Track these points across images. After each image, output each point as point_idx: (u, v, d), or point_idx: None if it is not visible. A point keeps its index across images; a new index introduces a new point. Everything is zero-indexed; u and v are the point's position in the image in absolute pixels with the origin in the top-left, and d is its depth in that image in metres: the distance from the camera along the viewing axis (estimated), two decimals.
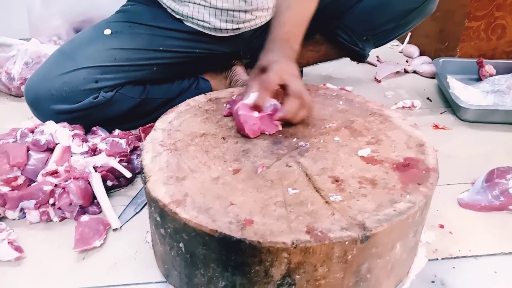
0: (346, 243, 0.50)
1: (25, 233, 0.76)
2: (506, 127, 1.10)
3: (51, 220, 0.78)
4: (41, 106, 0.94)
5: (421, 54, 1.55)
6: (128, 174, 0.82)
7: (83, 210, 0.78)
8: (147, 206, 0.81)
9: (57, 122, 0.89)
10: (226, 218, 0.53)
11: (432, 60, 1.41)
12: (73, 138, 0.84)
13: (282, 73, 0.71)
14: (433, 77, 1.37)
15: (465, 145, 1.04)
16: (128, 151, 0.87)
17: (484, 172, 0.86)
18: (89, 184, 0.79)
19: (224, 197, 0.57)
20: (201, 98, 0.83)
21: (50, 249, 0.72)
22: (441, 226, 0.77)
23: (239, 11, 1.00)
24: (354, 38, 1.15)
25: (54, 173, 0.77)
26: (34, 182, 0.79)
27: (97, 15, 1.51)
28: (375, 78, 1.37)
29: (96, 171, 0.81)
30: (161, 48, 1.02)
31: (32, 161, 0.80)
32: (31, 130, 0.83)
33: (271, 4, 1.03)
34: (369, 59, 1.34)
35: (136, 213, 0.80)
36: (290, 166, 0.63)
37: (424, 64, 1.42)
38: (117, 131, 0.94)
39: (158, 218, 0.58)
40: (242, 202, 0.55)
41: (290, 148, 0.67)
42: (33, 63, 1.28)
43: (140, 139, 0.97)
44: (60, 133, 0.83)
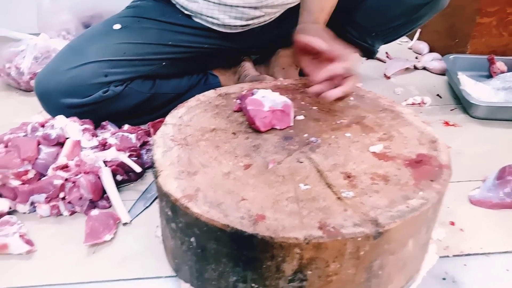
0: (359, 239, 0.50)
1: (35, 226, 0.76)
2: None
3: (61, 214, 0.78)
4: (51, 100, 0.94)
5: (431, 50, 1.54)
6: (138, 169, 0.82)
7: (93, 204, 0.78)
8: (157, 200, 0.81)
9: (67, 116, 0.89)
10: (238, 213, 0.53)
11: (442, 56, 1.40)
12: (83, 133, 0.85)
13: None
14: (443, 74, 1.36)
15: (476, 142, 1.03)
16: (138, 146, 0.87)
17: (495, 170, 0.85)
18: (99, 178, 0.79)
19: (235, 192, 0.56)
20: (211, 93, 0.83)
21: (60, 243, 0.73)
22: (452, 223, 0.76)
23: (248, 7, 0.99)
24: (363, 34, 1.14)
25: (65, 167, 0.77)
26: (44, 176, 0.79)
27: (106, 10, 1.52)
28: (385, 75, 1.36)
29: (106, 165, 0.81)
30: (170, 43, 1.02)
31: (42, 155, 0.80)
32: (41, 124, 0.84)
33: (280, 1, 1.02)
34: (378, 55, 1.34)
35: (146, 207, 0.80)
36: (301, 162, 0.62)
37: (434, 60, 1.40)
38: (126, 126, 0.94)
39: (169, 213, 0.57)
40: (254, 198, 0.55)
41: (301, 143, 0.67)
42: (42, 58, 1.28)
43: (149, 134, 0.97)
44: (70, 128, 0.83)
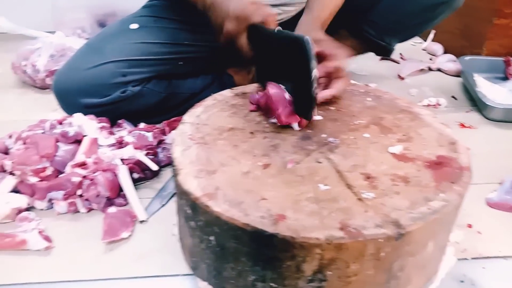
0: (380, 240, 0.49)
1: (53, 223, 0.76)
2: None
3: (78, 211, 0.78)
4: (69, 100, 0.94)
5: (445, 51, 1.53)
6: (155, 167, 0.82)
7: (109, 201, 0.79)
8: (173, 199, 0.82)
9: (84, 115, 0.90)
10: (258, 212, 0.53)
11: (457, 58, 1.39)
12: (100, 131, 0.85)
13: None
14: (457, 75, 1.35)
15: (492, 144, 1.02)
16: (155, 144, 0.87)
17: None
18: (116, 176, 0.79)
19: (255, 191, 0.56)
20: (227, 92, 0.83)
21: (77, 240, 0.73)
22: (469, 226, 0.76)
23: (266, 4, 0.99)
24: (380, 33, 1.14)
25: (83, 165, 0.77)
26: (62, 173, 0.80)
27: (120, 9, 1.53)
28: (399, 75, 1.36)
29: (123, 163, 0.81)
30: (186, 42, 1.02)
31: (60, 153, 0.81)
32: (59, 122, 0.84)
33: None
34: (392, 56, 1.33)
35: (162, 205, 0.80)
36: (320, 162, 0.62)
37: (449, 62, 1.40)
38: (142, 124, 0.95)
39: (188, 211, 0.58)
40: (273, 197, 0.55)
41: (319, 144, 0.67)
42: (58, 56, 1.29)
43: (164, 133, 0.97)
44: (88, 125, 0.84)
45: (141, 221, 0.76)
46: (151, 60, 0.98)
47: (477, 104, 1.17)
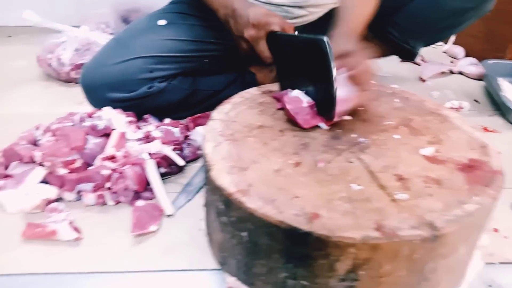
0: (415, 242, 0.50)
1: (81, 215, 0.77)
2: None
3: (106, 204, 0.80)
4: (96, 94, 0.96)
5: (466, 55, 1.52)
6: (182, 162, 0.83)
7: (137, 195, 0.80)
8: (199, 194, 0.83)
9: None
10: (292, 210, 0.53)
11: (479, 61, 1.38)
12: (128, 125, 0.86)
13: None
14: (479, 79, 1.34)
15: None
16: (181, 140, 0.88)
17: None
18: (143, 170, 0.80)
19: (287, 189, 0.57)
20: (254, 90, 0.84)
21: (106, 232, 0.74)
22: (495, 230, 0.76)
23: (293, 6, 1.00)
24: (405, 36, 1.13)
25: (112, 158, 0.78)
26: (90, 165, 0.81)
27: (143, 5, 1.54)
28: (420, 78, 1.35)
29: (150, 158, 0.82)
30: (212, 40, 1.03)
31: (89, 145, 0.82)
32: (89, 115, 0.86)
33: (325, 0, 1.02)
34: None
35: (188, 200, 0.81)
36: (351, 162, 0.62)
37: (470, 65, 1.39)
38: (167, 120, 0.96)
39: (221, 206, 0.58)
40: (306, 196, 0.56)
41: (349, 144, 0.67)
42: (83, 50, 1.31)
43: (188, 129, 0.98)
44: (116, 119, 0.85)
45: (168, 215, 0.77)
46: (177, 57, 0.99)
47: (500, 109, 1.16)
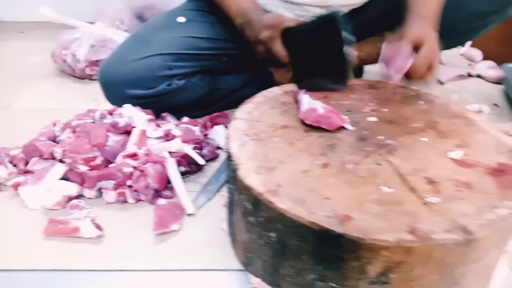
0: (449, 245, 0.49)
1: (101, 212, 0.77)
2: None
3: (126, 202, 0.79)
4: (115, 90, 0.95)
5: (484, 58, 1.51)
6: (202, 161, 0.83)
7: (157, 193, 0.79)
8: (220, 193, 0.82)
9: None
10: (323, 211, 0.52)
11: (496, 64, 1.37)
12: (148, 123, 0.86)
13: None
14: (498, 83, 1.33)
15: None
16: (201, 138, 0.87)
17: None
18: (164, 168, 0.80)
19: (317, 190, 0.56)
20: (276, 90, 0.83)
21: (127, 230, 0.74)
22: None
23: (314, 6, 0.99)
24: None
25: (134, 156, 0.78)
26: (110, 163, 0.81)
27: (158, 1, 1.54)
28: (438, 80, 1.34)
29: (170, 156, 0.82)
30: (232, 39, 1.02)
31: (110, 143, 0.81)
32: (110, 112, 0.85)
33: (347, 1, 1.01)
34: None
35: (209, 199, 0.80)
36: (380, 164, 0.62)
37: (489, 68, 1.37)
38: (185, 118, 0.95)
39: (249, 206, 0.58)
40: (337, 197, 0.55)
41: (377, 145, 0.66)
42: (98, 46, 1.31)
43: (206, 128, 0.98)
44: (137, 117, 0.84)
45: (189, 214, 0.77)
46: (197, 54, 0.98)
47: None
